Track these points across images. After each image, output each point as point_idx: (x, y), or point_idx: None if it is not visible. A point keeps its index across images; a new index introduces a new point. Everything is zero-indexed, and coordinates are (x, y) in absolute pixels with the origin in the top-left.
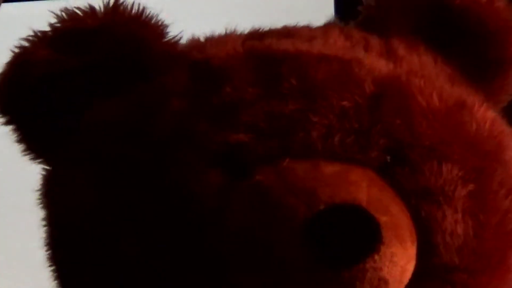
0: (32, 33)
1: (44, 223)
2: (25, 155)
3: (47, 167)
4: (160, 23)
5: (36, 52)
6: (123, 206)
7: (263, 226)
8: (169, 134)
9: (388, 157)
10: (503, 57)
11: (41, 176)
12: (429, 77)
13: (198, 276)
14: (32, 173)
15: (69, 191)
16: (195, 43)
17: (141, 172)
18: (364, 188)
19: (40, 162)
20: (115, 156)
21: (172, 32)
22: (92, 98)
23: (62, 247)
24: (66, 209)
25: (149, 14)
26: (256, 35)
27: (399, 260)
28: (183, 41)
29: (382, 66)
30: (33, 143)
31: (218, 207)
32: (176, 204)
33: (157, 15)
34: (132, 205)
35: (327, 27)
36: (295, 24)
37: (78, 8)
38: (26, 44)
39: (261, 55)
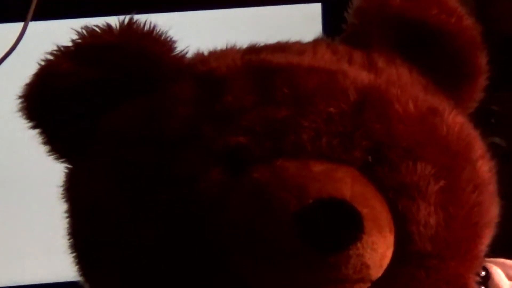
0: (56, 48)
1: (66, 215)
2: (50, 155)
3: (69, 166)
4: (168, 39)
5: (60, 65)
6: (137, 200)
7: (259, 217)
8: (177, 137)
9: (370, 157)
10: (471, 70)
11: (64, 174)
12: (405, 86)
13: (202, 260)
14: (57, 170)
15: (90, 187)
16: (199, 57)
17: (153, 169)
18: (349, 184)
19: (63, 162)
20: (130, 155)
21: (179, 47)
22: (109, 105)
23: (82, 236)
24: (87, 202)
25: (159, 31)
26: (253, 50)
27: (379, 247)
28: (189, 55)
29: (364, 76)
30: (57, 145)
31: (220, 200)
32: (184, 198)
33: (166, 32)
34: (145, 198)
35: (315, 42)
36: (287, 40)
37: (97, 26)
38: (51, 57)
39: (257, 67)
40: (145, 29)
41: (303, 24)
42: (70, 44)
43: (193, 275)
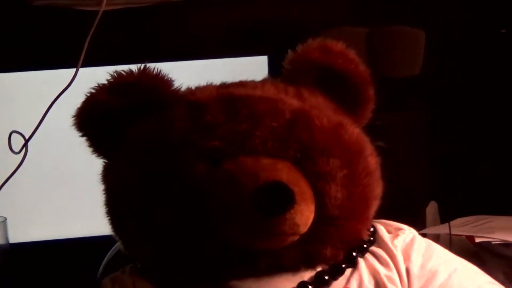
0: (96, 85)
1: (103, 193)
2: (92, 153)
3: (105, 161)
4: (169, 78)
5: (98, 95)
6: (150, 182)
7: (229, 193)
8: (176, 142)
9: (299, 155)
10: (363, 99)
11: (102, 165)
12: (322, 109)
13: (196, 220)
14: (97, 163)
15: (119, 175)
16: (189, 90)
17: (161, 164)
18: (285, 172)
19: (101, 158)
20: (146, 155)
21: (176, 83)
22: (131, 121)
23: (114, 208)
24: (117, 186)
25: (162, 73)
26: (224, 85)
27: (305, 213)
28: (182, 88)
29: (295, 103)
30: (97, 147)
31: (205, 182)
32: (182, 182)
33: (167, 74)
34: (156, 182)
35: (263, 81)
36: (245, 79)
37: (123, 70)
38: (93, 91)
39: (226, 97)
40: (154, 72)
41: (253, 72)
42: (105, 82)
43: (189, 230)
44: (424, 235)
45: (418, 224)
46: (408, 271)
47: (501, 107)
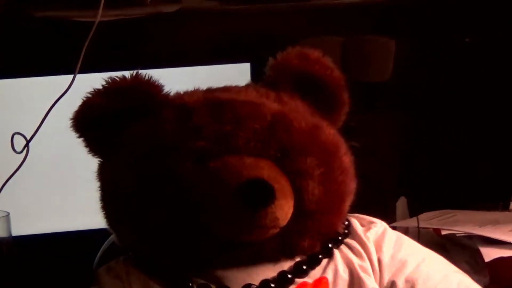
0: (92, 90)
1: (99, 189)
2: (89, 153)
3: (101, 160)
4: (159, 83)
5: (94, 99)
6: (144, 182)
7: (214, 189)
8: (166, 143)
9: (279, 154)
10: (338, 102)
11: (98, 164)
12: (300, 112)
13: (185, 213)
14: (93, 162)
15: (114, 173)
16: (178, 95)
17: (153, 163)
18: (266, 170)
19: (97, 157)
20: (139, 155)
21: (166, 88)
22: (125, 123)
23: (109, 204)
24: (112, 183)
25: (153, 79)
26: (210, 90)
27: (284, 207)
28: (172, 93)
29: (275, 106)
30: (93, 147)
31: (193, 179)
32: (172, 179)
33: (158, 80)
34: (147, 179)
35: (246, 86)
36: (230, 85)
37: (117, 76)
38: (89, 95)
39: (212, 100)
40: (146, 78)
41: (237, 78)
42: (101, 87)
43: (178, 224)
44: (394, 228)
45: (389, 217)
46: (379, 261)
47: (464, 110)
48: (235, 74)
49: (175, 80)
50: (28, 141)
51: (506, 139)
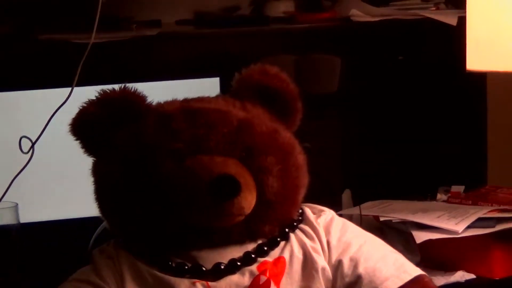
0: (87, 100)
1: (93, 183)
2: (84, 153)
3: (94, 159)
4: (143, 95)
5: (88, 108)
6: (131, 178)
7: (189, 184)
8: (150, 145)
9: (244, 154)
10: (293, 110)
11: (92, 162)
12: (261, 118)
13: (164, 206)
14: (89, 160)
15: (105, 170)
16: (159, 104)
17: (138, 162)
18: (233, 167)
19: (91, 156)
20: (127, 155)
21: (149, 99)
22: (115, 128)
23: (101, 196)
24: (104, 178)
25: (138, 91)
26: (186, 100)
27: (248, 198)
28: (154, 103)
29: (241, 114)
30: (88, 149)
31: (171, 176)
32: (154, 175)
33: (142, 92)
34: (135, 177)
35: (216, 96)
36: (202, 96)
37: (107, 89)
38: (84, 104)
39: (188, 109)
40: (132, 90)
41: (208, 90)
42: (94, 98)
43: (159, 212)
44: (340, 215)
45: (336, 207)
46: (328, 243)
47: (397, 117)
48: (207, 87)
49: (156, 92)
50: (33, 143)
51: (432, 142)
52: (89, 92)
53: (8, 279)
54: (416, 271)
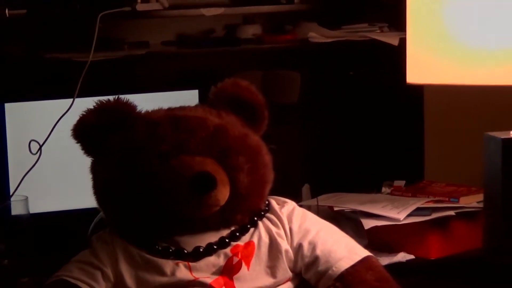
0: (86, 109)
1: (91, 180)
2: (84, 154)
3: (92, 159)
4: (134, 104)
5: (87, 116)
6: (124, 175)
7: (173, 180)
8: (139, 147)
9: (219, 154)
10: (260, 118)
11: (90, 162)
12: (234, 124)
13: (153, 200)
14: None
15: (102, 168)
16: (147, 112)
17: (129, 162)
18: (210, 165)
19: (90, 157)
20: (120, 155)
21: (138, 108)
22: (109, 133)
23: (98, 190)
24: (100, 175)
25: (130, 101)
26: (170, 109)
27: (223, 192)
28: (143, 111)
29: (216, 120)
30: (86, 150)
31: (158, 173)
32: (143, 173)
33: (132, 102)
34: (127, 174)
35: (196, 106)
36: (184, 105)
37: (103, 99)
38: (84, 113)
39: (172, 116)
40: (124, 100)
41: (189, 101)
42: (92, 107)
43: (148, 204)
44: (301, 206)
45: (297, 198)
46: (290, 229)
47: (349, 122)
48: (188, 98)
49: (145, 102)
50: (40, 146)
51: (378, 144)
52: (88, 102)
53: (20, 260)
54: (364, 252)
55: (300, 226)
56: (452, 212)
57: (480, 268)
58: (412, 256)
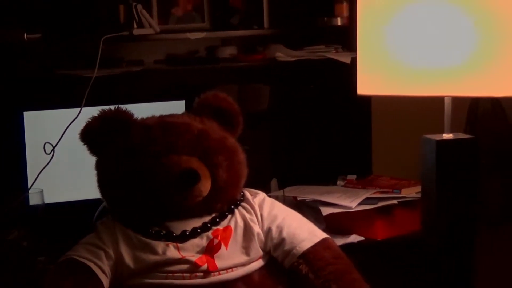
0: (91, 116)
1: (96, 175)
2: (90, 154)
3: (97, 158)
4: (131, 112)
5: (92, 122)
6: (123, 172)
7: (163, 175)
8: (135, 148)
9: (202, 154)
10: (236, 123)
11: (95, 160)
12: (214, 129)
13: (148, 192)
14: (92, 159)
15: (104, 166)
16: (142, 119)
17: (128, 160)
18: (195, 163)
19: (94, 156)
20: (119, 155)
21: (135, 115)
22: (112, 137)
23: (102, 184)
24: (103, 172)
25: (127, 110)
26: (161, 116)
27: (205, 185)
28: (138, 118)
29: (200, 125)
30: (92, 151)
31: (151, 169)
32: (139, 170)
33: (130, 110)
34: (126, 171)
35: (182, 113)
36: (173, 113)
37: (106, 109)
38: (90, 120)
39: (163, 122)
40: (123, 109)
41: (176, 109)
42: (96, 115)
43: (143, 196)
44: (270, 196)
45: (267, 190)
46: (261, 216)
47: (310, 127)
48: (176, 107)
49: (140, 111)
50: (53, 147)
51: (334, 145)
52: (93, 111)
53: (36, 242)
54: (323, 234)
55: (270, 213)
56: (395, 201)
57: (418, 247)
58: (362, 238)
